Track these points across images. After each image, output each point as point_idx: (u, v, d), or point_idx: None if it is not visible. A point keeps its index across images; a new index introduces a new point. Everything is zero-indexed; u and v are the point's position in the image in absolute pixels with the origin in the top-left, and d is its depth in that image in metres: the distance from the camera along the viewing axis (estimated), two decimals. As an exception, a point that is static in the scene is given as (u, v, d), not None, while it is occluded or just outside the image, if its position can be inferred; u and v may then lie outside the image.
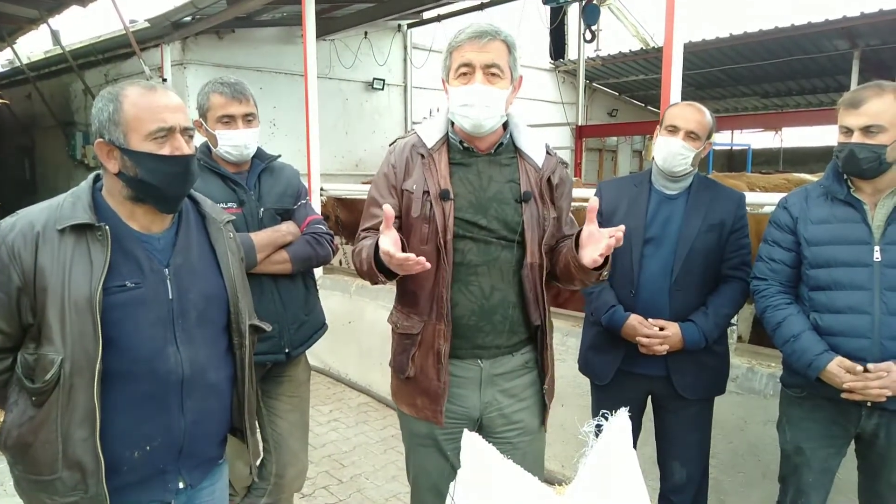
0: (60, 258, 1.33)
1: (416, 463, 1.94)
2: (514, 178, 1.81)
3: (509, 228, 1.77)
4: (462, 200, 1.76)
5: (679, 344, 2.16)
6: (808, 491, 2.04)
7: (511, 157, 1.83)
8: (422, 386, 1.80)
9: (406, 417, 1.90)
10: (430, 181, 1.75)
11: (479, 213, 1.76)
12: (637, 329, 2.18)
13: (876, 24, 7.96)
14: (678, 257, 2.18)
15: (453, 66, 1.73)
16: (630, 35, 12.43)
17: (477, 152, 1.81)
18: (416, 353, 1.80)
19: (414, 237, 1.77)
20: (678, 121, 2.18)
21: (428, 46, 8.90)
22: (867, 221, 1.89)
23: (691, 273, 2.19)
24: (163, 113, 1.38)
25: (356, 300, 4.88)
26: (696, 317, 2.19)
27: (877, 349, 1.84)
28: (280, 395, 2.35)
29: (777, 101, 12.55)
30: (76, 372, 1.32)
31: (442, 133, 1.82)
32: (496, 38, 1.69)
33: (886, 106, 1.79)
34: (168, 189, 1.42)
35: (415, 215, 1.76)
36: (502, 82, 1.72)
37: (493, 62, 1.69)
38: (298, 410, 2.43)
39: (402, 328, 1.85)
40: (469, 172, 1.79)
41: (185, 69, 7.11)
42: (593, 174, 12.35)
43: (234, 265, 1.58)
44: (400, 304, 1.90)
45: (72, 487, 1.35)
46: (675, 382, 2.22)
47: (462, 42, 1.70)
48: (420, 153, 1.80)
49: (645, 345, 2.17)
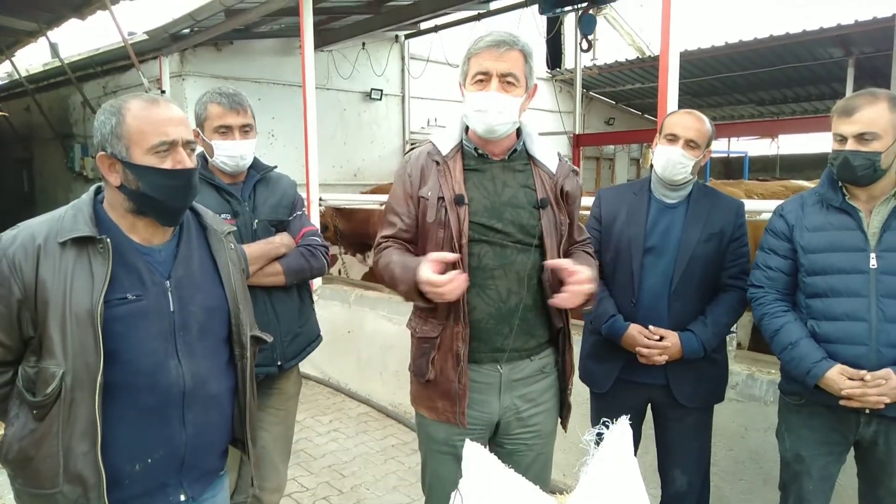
0: (61, 271, 1.34)
1: (432, 470, 1.95)
2: (529, 184, 1.85)
3: (525, 232, 1.80)
4: (477, 205, 1.79)
5: (678, 354, 2.17)
6: (808, 498, 2.04)
7: (525, 164, 1.87)
8: (442, 388, 1.82)
9: (425, 421, 1.92)
10: (445, 187, 1.78)
11: (494, 218, 1.79)
12: (636, 339, 2.18)
13: (870, 32, 8.00)
14: (678, 266, 2.18)
15: (470, 73, 1.78)
16: (626, 44, 12.50)
17: (491, 158, 1.85)
18: (436, 356, 1.82)
19: (430, 242, 1.80)
20: (677, 129, 2.18)
21: (425, 57, 8.94)
22: (863, 228, 1.90)
23: (691, 282, 2.19)
24: (165, 126, 1.38)
25: (356, 310, 4.88)
26: (695, 326, 2.19)
27: (874, 356, 1.84)
28: (267, 408, 2.33)
29: (773, 109, 12.60)
30: (77, 385, 1.32)
31: (456, 140, 1.86)
32: (514, 47, 1.75)
33: (880, 113, 1.81)
34: (170, 202, 1.42)
35: (430, 220, 1.79)
36: (517, 90, 1.76)
37: (509, 71, 1.74)
38: (284, 424, 2.40)
39: (420, 332, 1.87)
40: (483, 178, 1.83)
41: (183, 81, 7.14)
42: (591, 183, 12.37)
43: (235, 276, 1.58)
44: (417, 310, 1.92)
45: (73, 501, 1.35)
46: (675, 391, 2.22)
47: (481, 49, 1.75)
48: (435, 160, 1.84)
49: (644, 355, 2.17)
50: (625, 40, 12.50)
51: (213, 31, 6.28)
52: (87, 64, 8.26)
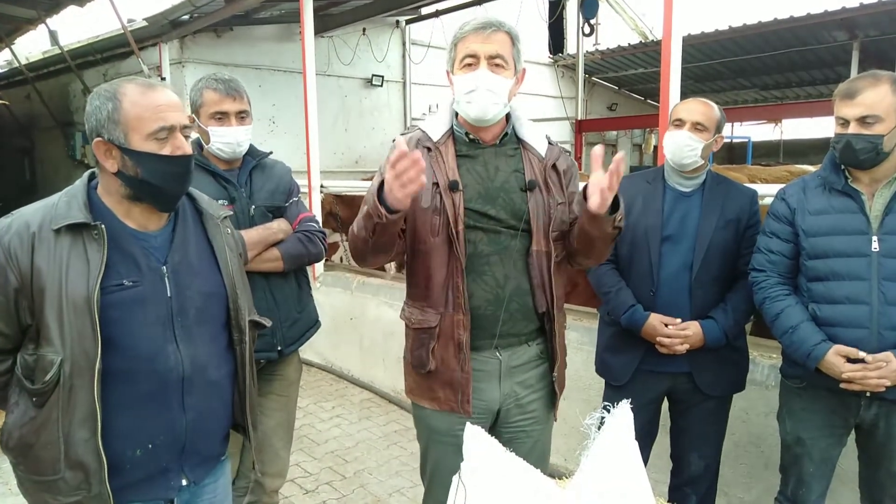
0: (57, 258, 1.33)
1: (433, 460, 1.93)
2: (520, 168, 1.83)
3: (517, 217, 1.79)
4: (471, 191, 1.78)
5: (700, 342, 2.16)
6: (809, 481, 2.04)
7: (515, 148, 1.86)
8: (444, 378, 1.81)
9: (425, 412, 1.90)
10: (439, 173, 1.77)
11: (487, 204, 1.78)
12: (658, 329, 2.16)
13: (875, 15, 7.94)
14: (697, 254, 2.17)
15: (458, 57, 1.76)
16: (629, 28, 12.42)
17: (482, 143, 1.83)
18: (436, 345, 1.80)
19: (424, 229, 1.78)
20: (683, 114, 2.19)
21: (426, 42, 8.88)
22: (865, 212, 1.89)
23: (710, 270, 2.18)
24: (164, 112, 1.37)
25: (357, 296, 4.89)
26: (716, 314, 2.18)
27: (875, 339, 1.84)
28: (269, 394, 2.34)
29: (777, 93, 12.53)
30: (76, 372, 1.32)
31: (447, 126, 1.84)
32: (500, 29, 1.73)
33: (882, 96, 1.79)
34: (168, 188, 1.42)
35: (424, 206, 1.77)
36: (506, 73, 1.74)
37: (497, 53, 1.72)
38: (285, 410, 2.41)
39: (417, 323, 1.85)
40: (476, 163, 1.81)
41: (183, 68, 7.11)
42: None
43: (232, 261, 1.57)
44: (412, 300, 1.90)
45: (75, 487, 1.36)
46: (697, 379, 2.22)
47: (466, 33, 1.74)
48: (426, 147, 1.81)
49: (666, 345, 2.16)
50: (627, 25, 12.42)
51: (213, 17, 6.25)
52: (86, 51, 8.23)
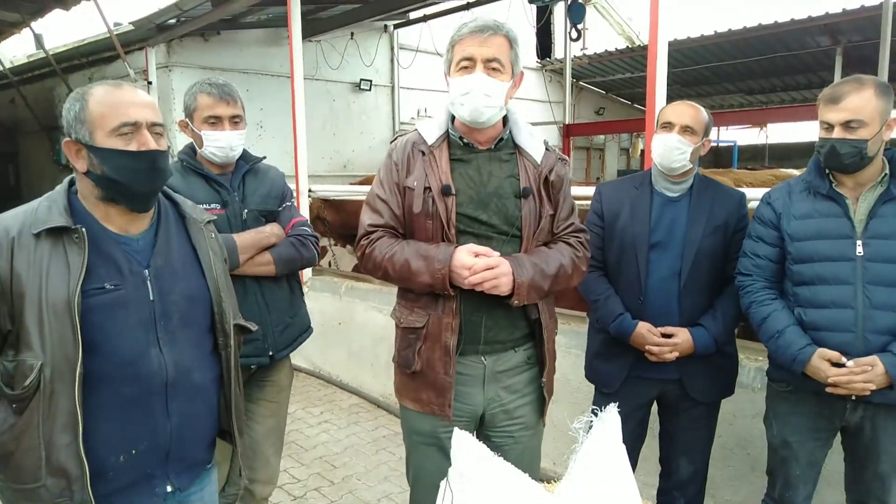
0: (36, 263, 1.32)
1: (416, 462, 1.93)
2: (514, 174, 1.82)
3: (509, 223, 1.78)
4: (463, 196, 1.77)
5: (689, 349, 2.15)
6: (795, 483, 2.05)
7: (510, 153, 1.85)
8: (428, 380, 1.80)
9: (409, 414, 1.90)
10: (432, 177, 1.76)
11: (479, 209, 1.77)
12: (646, 338, 2.15)
13: (857, 21, 8.04)
14: (686, 262, 2.15)
15: (455, 60, 1.75)
16: (616, 33, 12.51)
17: (477, 148, 1.82)
18: (423, 346, 1.80)
19: (418, 233, 1.78)
20: (672, 117, 2.18)
21: (415, 47, 8.90)
22: (849, 216, 1.90)
23: (699, 277, 2.17)
24: (128, 108, 1.36)
25: (346, 301, 4.87)
26: (706, 320, 2.17)
27: (861, 343, 1.85)
28: (260, 400, 2.32)
29: (762, 98, 12.65)
30: (57, 377, 1.30)
31: (442, 130, 1.84)
32: (498, 32, 1.72)
33: (866, 100, 1.80)
34: (136, 186, 1.39)
35: (417, 211, 1.76)
36: (503, 76, 1.74)
37: (494, 56, 1.71)
38: (276, 416, 2.39)
39: (405, 322, 1.85)
40: (469, 168, 1.81)
41: (170, 72, 7.07)
42: (581, 173, 12.40)
43: (216, 265, 1.56)
44: (403, 300, 1.89)
45: (57, 495, 1.33)
46: (687, 386, 2.21)
47: (464, 36, 1.73)
48: (421, 150, 1.81)
49: (655, 353, 2.15)
50: (614, 30, 12.51)
51: (200, 21, 6.21)
52: (72, 55, 8.16)
